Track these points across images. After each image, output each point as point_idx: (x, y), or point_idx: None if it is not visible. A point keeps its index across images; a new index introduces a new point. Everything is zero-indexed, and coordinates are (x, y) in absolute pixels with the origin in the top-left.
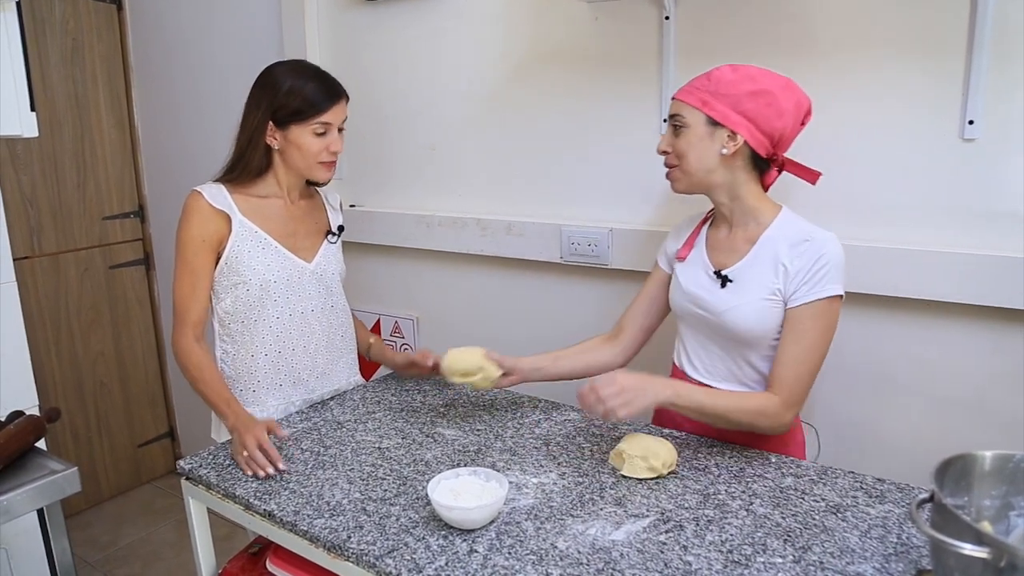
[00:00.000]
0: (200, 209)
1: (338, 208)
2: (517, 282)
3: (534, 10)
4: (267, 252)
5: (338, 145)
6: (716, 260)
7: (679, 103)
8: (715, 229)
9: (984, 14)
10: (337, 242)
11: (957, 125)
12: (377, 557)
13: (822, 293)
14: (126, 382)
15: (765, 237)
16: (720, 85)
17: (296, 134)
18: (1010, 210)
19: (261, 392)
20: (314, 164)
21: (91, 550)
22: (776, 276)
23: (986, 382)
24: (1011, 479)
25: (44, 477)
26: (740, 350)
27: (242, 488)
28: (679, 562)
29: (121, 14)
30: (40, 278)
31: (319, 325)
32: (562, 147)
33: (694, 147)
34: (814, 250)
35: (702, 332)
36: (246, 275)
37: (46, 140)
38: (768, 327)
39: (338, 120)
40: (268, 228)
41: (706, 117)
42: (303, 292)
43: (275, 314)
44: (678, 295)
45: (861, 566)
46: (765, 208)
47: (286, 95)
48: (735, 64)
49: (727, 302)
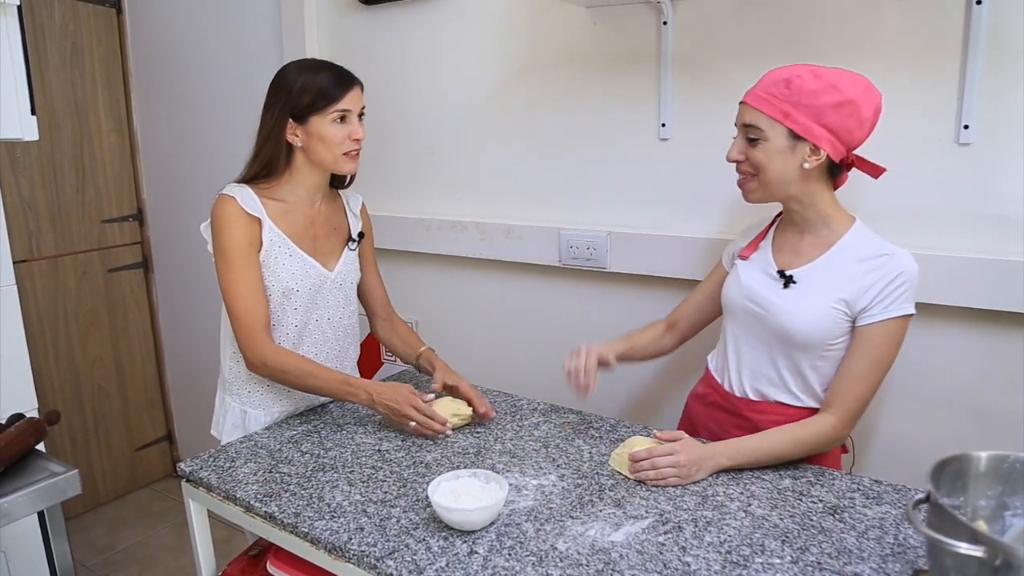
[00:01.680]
0: (239, 215)
1: (358, 213)
2: (516, 285)
3: (533, 15)
4: (293, 260)
5: (360, 132)
6: (781, 260)
7: (755, 112)
8: (783, 232)
9: (978, 19)
10: (356, 249)
11: (952, 129)
12: (378, 559)
13: (897, 312)
14: (124, 385)
15: (839, 246)
16: (802, 95)
17: (317, 126)
18: (1005, 214)
19: (268, 396)
20: (339, 155)
21: (89, 553)
22: (846, 287)
23: (981, 384)
24: (1006, 479)
25: (44, 479)
26: (791, 354)
27: (243, 490)
28: (678, 563)
29: (120, 18)
30: (39, 281)
31: (333, 332)
32: (561, 151)
33: (774, 161)
34: (893, 266)
35: (753, 332)
36: (269, 281)
37: (45, 143)
38: (826, 334)
39: (356, 106)
40: (293, 234)
41: (788, 130)
42: (323, 300)
43: (294, 321)
44: (734, 290)
45: (858, 566)
46: (839, 216)
47: (300, 90)
48: (812, 66)
49: (788, 302)
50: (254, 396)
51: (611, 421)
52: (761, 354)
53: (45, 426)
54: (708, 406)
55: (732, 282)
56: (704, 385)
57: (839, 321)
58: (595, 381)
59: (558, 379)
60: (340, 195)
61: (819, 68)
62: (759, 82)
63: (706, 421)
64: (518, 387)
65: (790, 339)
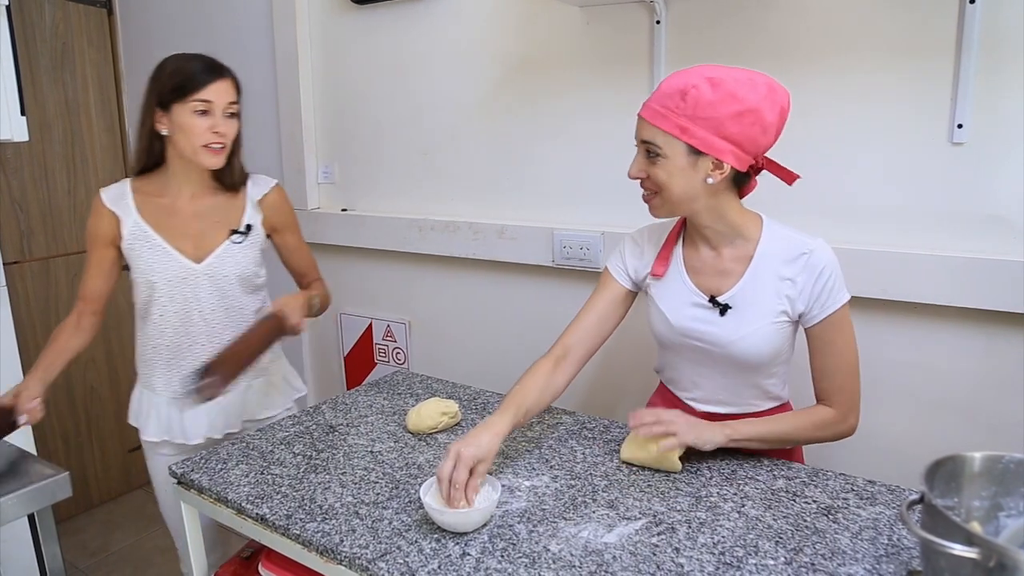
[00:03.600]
0: (94, 210)
1: (257, 202)
2: (509, 286)
3: (526, 15)
4: (154, 252)
5: (224, 127)
6: (703, 285)
7: (651, 127)
8: (692, 249)
9: (972, 18)
10: (244, 242)
11: (946, 129)
12: (370, 561)
13: (836, 304)
14: (117, 387)
15: (759, 256)
16: (699, 108)
17: (178, 113)
18: (999, 213)
19: (156, 382)
20: (198, 147)
21: (81, 556)
22: (779, 298)
23: (976, 384)
24: (1000, 480)
25: (35, 482)
26: (746, 376)
27: (234, 492)
28: (671, 564)
29: (111, 19)
30: (30, 283)
31: (206, 326)
32: (554, 151)
33: (675, 178)
34: (815, 264)
35: (700, 362)
36: (135, 272)
37: (36, 144)
38: (778, 349)
39: (221, 99)
40: (162, 228)
41: (687, 146)
42: (190, 292)
43: (159, 311)
44: (664, 328)
45: (852, 567)
46: (748, 222)
47: (168, 76)
48: (709, 73)
49: (733, 331)
50: (146, 379)
51: (604, 422)
52: (714, 380)
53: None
54: None
55: (656, 316)
56: (663, 400)
57: (783, 331)
58: (475, 492)
59: None
60: (246, 187)
61: (716, 73)
62: (654, 92)
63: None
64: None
65: (744, 364)
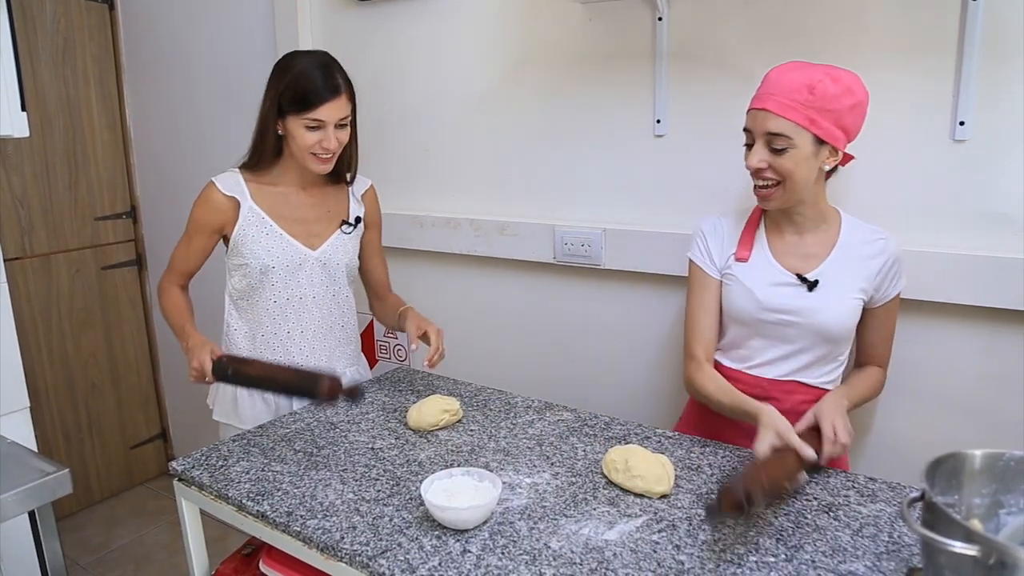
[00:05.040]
0: (209, 197)
1: (360, 198)
2: (511, 282)
3: (528, 11)
4: (270, 238)
5: (331, 142)
6: (789, 265)
7: (780, 120)
8: (776, 234)
9: (974, 15)
10: (352, 233)
11: (948, 126)
12: (370, 558)
13: (901, 287)
14: (118, 383)
15: (844, 240)
16: (827, 101)
17: (291, 125)
18: (1000, 210)
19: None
20: (307, 155)
21: (83, 552)
22: (862, 276)
23: (977, 382)
24: (1001, 477)
25: (35, 479)
26: (824, 348)
27: (235, 489)
28: (672, 562)
29: (113, 14)
30: (31, 279)
31: (319, 311)
32: (556, 148)
33: (801, 167)
34: (891, 249)
35: (779, 337)
36: (248, 257)
37: (37, 140)
38: (855, 322)
39: (332, 117)
40: (277, 214)
41: (813, 136)
42: (304, 278)
43: (272, 297)
44: (749, 305)
45: (853, 564)
46: (830, 210)
47: (286, 87)
48: (825, 68)
49: (820, 303)
50: None
51: (605, 419)
52: (788, 350)
53: None
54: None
55: (740, 294)
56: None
57: (860, 307)
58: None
59: (552, 376)
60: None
61: (831, 70)
62: (773, 86)
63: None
64: (512, 384)
65: (828, 336)
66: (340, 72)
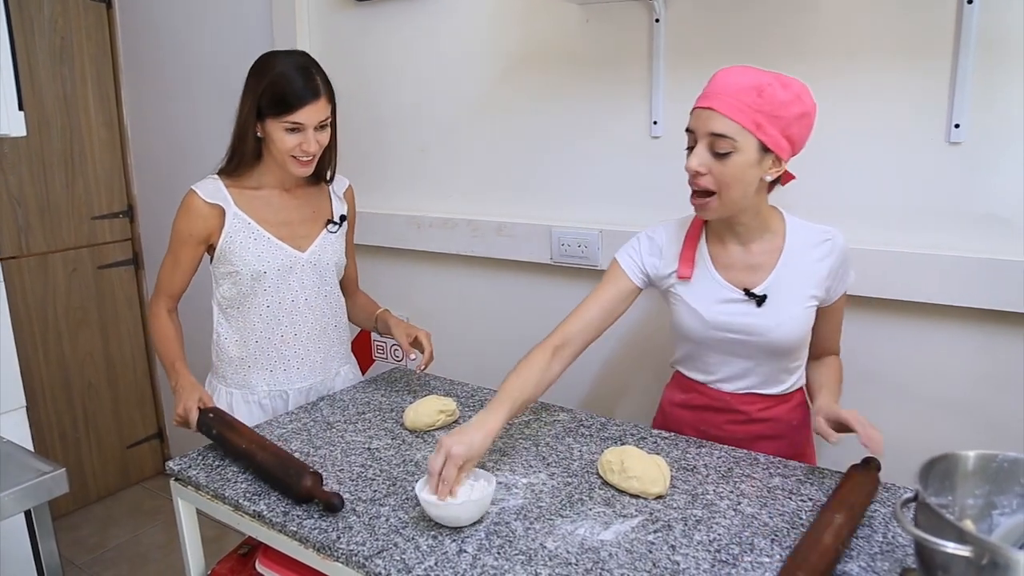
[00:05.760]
0: (192, 206)
1: (342, 196)
2: (507, 283)
3: (525, 12)
4: (259, 243)
5: (311, 145)
6: (735, 280)
7: (725, 121)
8: (719, 246)
9: (969, 17)
10: (338, 232)
11: (943, 128)
12: (366, 557)
13: (851, 279)
14: (115, 383)
15: (788, 246)
16: (775, 107)
17: (271, 128)
18: (996, 212)
19: (252, 376)
20: (288, 158)
21: (79, 552)
22: (812, 282)
23: (972, 383)
24: (994, 478)
25: (31, 478)
26: (778, 360)
27: (231, 489)
28: (667, 562)
29: (111, 13)
30: (28, 278)
31: (311, 313)
32: (552, 148)
33: (741, 176)
34: (839, 247)
35: (732, 352)
36: (238, 265)
37: (34, 139)
38: (808, 330)
39: (312, 120)
40: (262, 219)
41: (759, 143)
42: (296, 281)
43: (265, 302)
44: (697, 325)
45: (847, 565)
46: (772, 216)
47: (264, 89)
48: (774, 73)
49: (769, 318)
50: (237, 377)
51: (600, 420)
52: (744, 366)
53: None
54: (695, 410)
55: (686, 314)
56: (682, 391)
57: (812, 314)
58: (459, 486)
59: None
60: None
61: (781, 77)
62: (720, 86)
63: (696, 424)
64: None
65: (779, 351)
66: (319, 73)
